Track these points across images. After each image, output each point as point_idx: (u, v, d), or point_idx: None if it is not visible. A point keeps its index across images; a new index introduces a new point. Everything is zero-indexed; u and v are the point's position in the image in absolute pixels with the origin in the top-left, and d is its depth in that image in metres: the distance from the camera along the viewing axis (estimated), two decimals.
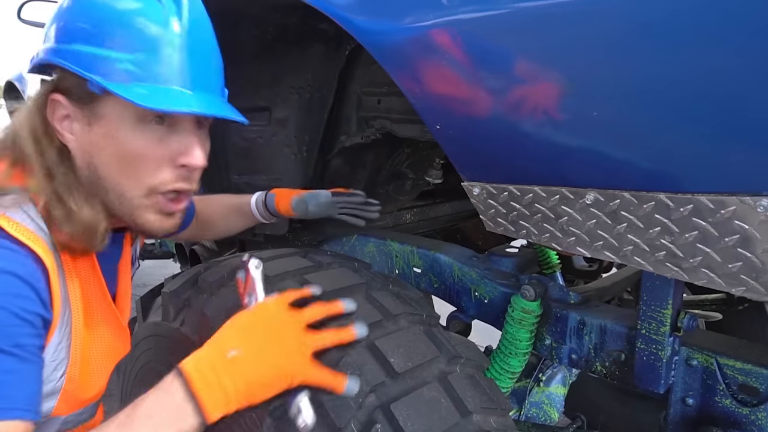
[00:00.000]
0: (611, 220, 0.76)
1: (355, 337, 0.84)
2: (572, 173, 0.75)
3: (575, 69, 0.66)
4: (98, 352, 0.90)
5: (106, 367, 0.94)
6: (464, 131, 0.81)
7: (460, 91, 0.76)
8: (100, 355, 0.91)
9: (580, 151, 0.70)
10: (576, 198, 0.78)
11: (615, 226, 0.76)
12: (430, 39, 0.76)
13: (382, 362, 0.89)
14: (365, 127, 1.40)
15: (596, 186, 0.74)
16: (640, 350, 1.04)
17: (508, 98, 0.73)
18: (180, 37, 0.77)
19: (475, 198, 0.91)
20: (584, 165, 0.72)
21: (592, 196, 0.75)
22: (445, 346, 0.98)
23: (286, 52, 1.50)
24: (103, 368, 0.92)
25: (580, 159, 0.72)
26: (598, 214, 0.76)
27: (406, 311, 1.02)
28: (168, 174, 0.81)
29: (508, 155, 0.79)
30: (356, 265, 1.19)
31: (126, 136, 0.77)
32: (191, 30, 0.79)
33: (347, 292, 1.04)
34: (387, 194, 1.72)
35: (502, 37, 0.70)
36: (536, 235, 0.88)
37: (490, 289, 1.36)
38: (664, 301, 0.99)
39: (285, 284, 1.03)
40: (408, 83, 0.83)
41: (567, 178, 0.76)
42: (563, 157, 0.73)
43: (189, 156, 0.81)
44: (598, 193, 0.74)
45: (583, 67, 0.65)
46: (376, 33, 0.82)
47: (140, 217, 0.84)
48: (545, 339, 1.27)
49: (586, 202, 0.76)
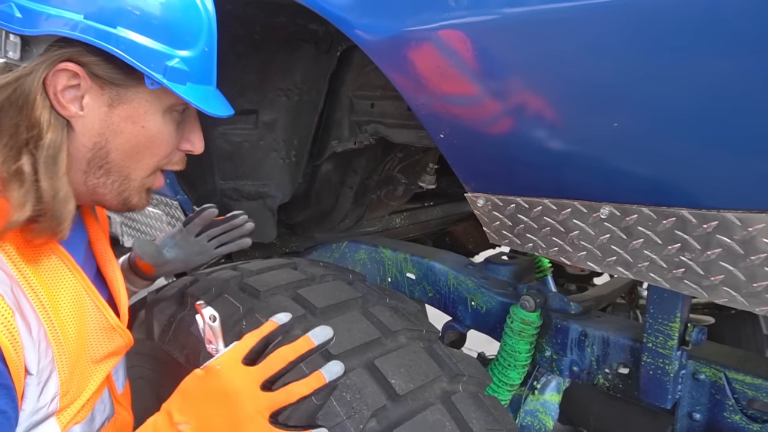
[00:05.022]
0: (626, 235, 0.72)
1: (325, 381, 0.68)
2: (587, 187, 0.71)
3: (595, 76, 0.61)
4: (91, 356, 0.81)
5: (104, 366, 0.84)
6: (471, 140, 0.76)
7: (469, 97, 0.72)
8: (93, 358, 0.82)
9: (598, 164, 0.66)
10: (589, 212, 0.74)
11: (630, 242, 0.72)
12: (436, 42, 0.71)
13: (383, 384, 0.84)
14: (358, 132, 1.35)
15: (612, 200, 0.70)
16: (646, 364, 1.01)
17: (520, 106, 0.69)
18: (210, 34, 0.79)
19: (479, 210, 0.87)
20: (601, 178, 0.68)
21: (607, 210, 0.71)
22: (447, 364, 0.94)
23: (273, 52, 1.44)
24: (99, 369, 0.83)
25: (597, 172, 0.68)
26: (613, 228, 0.73)
27: (405, 327, 0.98)
28: (172, 156, 0.83)
29: (517, 166, 0.75)
30: (351, 277, 1.14)
31: (154, 123, 0.76)
32: (213, 23, 0.80)
33: (343, 308, 0.99)
34: (378, 199, 1.67)
35: (515, 41, 0.66)
36: (544, 248, 0.84)
37: (487, 299, 1.32)
38: (672, 314, 0.96)
39: (276, 299, 0.98)
40: (410, 89, 0.78)
41: (580, 192, 0.72)
42: (578, 170, 0.69)
43: (193, 144, 0.84)
44: (613, 207, 0.70)
45: (604, 74, 0.60)
46: (376, 35, 0.77)
47: (132, 198, 0.81)
48: (545, 350, 1.24)
49: (600, 216, 0.72)
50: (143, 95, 0.74)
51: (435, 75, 0.73)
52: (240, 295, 0.99)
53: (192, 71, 0.75)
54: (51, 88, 0.69)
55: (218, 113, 0.79)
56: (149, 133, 0.76)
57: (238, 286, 1.04)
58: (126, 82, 0.73)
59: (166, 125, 0.78)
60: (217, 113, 0.79)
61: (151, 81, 0.72)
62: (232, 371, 0.68)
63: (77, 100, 0.71)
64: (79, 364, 0.76)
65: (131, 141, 0.75)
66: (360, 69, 1.32)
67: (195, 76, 0.76)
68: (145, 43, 0.71)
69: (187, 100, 0.74)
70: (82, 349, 0.78)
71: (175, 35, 0.74)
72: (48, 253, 0.74)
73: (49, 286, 0.73)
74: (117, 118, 0.74)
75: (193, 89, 0.76)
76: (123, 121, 0.74)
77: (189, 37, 0.76)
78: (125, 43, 0.70)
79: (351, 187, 1.58)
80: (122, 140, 0.75)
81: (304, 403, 0.68)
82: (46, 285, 0.72)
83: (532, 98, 0.68)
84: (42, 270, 0.73)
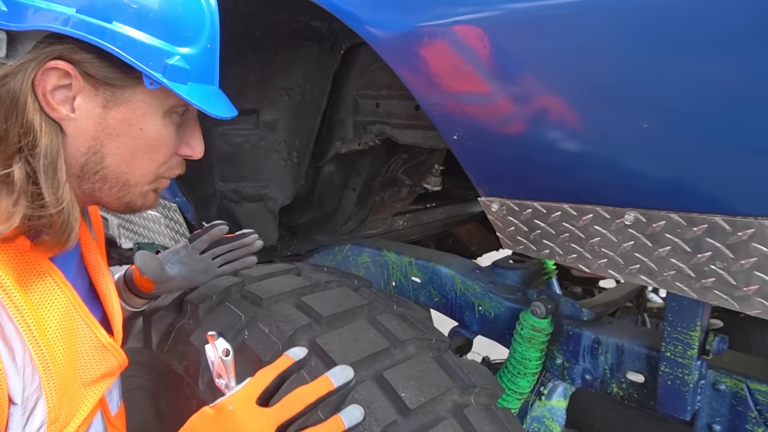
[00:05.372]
0: (652, 242, 0.68)
1: (344, 428, 0.64)
2: (610, 191, 0.67)
3: (627, 74, 0.57)
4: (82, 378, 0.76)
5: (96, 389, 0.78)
6: (487, 142, 0.72)
7: (485, 97, 0.68)
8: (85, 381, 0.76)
9: (624, 168, 0.63)
10: (612, 218, 0.70)
11: (656, 250, 0.68)
12: (450, 38, 0.67)
13: (393, 397, 0.80)
14: (362, 133, 1.31)
15: (636, 206, 0.66)
16: (664, 374, 0.97)
17: (541, 106, 0.65)
18: (212, 30, 0.73)
19: (493, 215, 0.83)
20: (626, 183, 0.64)
21: (632, 216, 0.67)
22: (458, 375, 0.90)
23: (275, 51, 1.40)
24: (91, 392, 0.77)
25: (623, 177, 0.64)
26: (637, 235, 0.69)
27: (413, 336, 0.94)
28: (172, 161, 0.78)
29: (536, 169, 0.71)
30: (356, 283, 1.10)
31: (153, 126, 0.71)
32: (216, 18, 0.75)
33: (349, 316, 0.95)
34: (382, 201, 1.63)
35: (536, 36, 0.62)
36: (561, 255, 0.80)
37: (495, 305, 1.28)
38: (692, 322, 0.92)
39: (280, 307, 0.94)
40: (422, 88, 0.74)
41: (603, 197, 0.68)
42: (602, 174, 0.65)
43: (192, 148, 0.79)
44: (639, 213, 0.66)
45: (635, 72, 0.56)
46: (387, 31, 0.73)
47: (136, 202, 0.76)
48: (556, 358, 1.20)
49: (624, 222, 0.68)
50: (141, 96, 0.69)
51: (449, 73, 0.69)
52: (242, 303, 0.95)
53: (194, 70, 0.69)
54: (40, 89, 0.63)
55: (223, 115, 0.73)
56: (148, 137, 0.71)
57: (239, 293, 1.00)
58: (122, 82, 0.67)
59: (166, 128, 0.73)
60: (222, 115, 0.73)
61: (149, 80, 0.66)
62: (246, 413, 0.64)
63: (68, 101, 0.65)
64: (69, 389, 0.71)
65: (128, 145, 0.70)
66: (365, 67, 1.28)
67: (197, 75, 0.70)
68: (143, 40, 0.65)
69: (189, 101, 0.68)
70: (72, 372, 0.72)
71: (175, 31, 0.68)
72: (35, 269, 0.69)
73: (36, 305, 0.67)
74: (113, 120, 0.68)
75: (196, 89, 0.70)
76: (119, 124, 0.68)
77: (190, 33, 0.70)
78: (121, 39, 0.64)
79: (354, 188, 1.54)
80: (118, 144, 0.69)
81: None
82: (32, 304, 0.66)
83: (555, 97, 0.64)
84: (28, 287, 0.67)
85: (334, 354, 0.84)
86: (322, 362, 0.83)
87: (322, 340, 0.86)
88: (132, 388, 1.11)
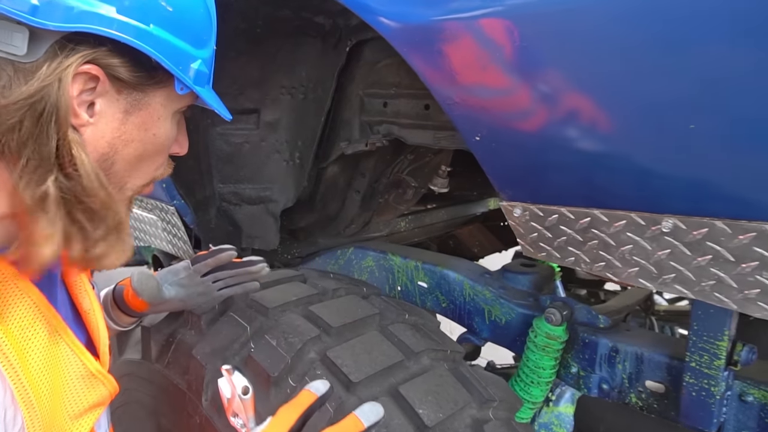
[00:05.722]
0: (691, 251, 0.64)
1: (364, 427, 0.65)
2: (648, 197, 0.62)
3: (674, 71, 0.53)
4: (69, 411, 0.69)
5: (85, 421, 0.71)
6: (513, 144, 0.68)
7: (514, 96, 0.63)
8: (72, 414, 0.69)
9: (666, 173, 0.58)
10: (648, 225, 0.65)
11: (694, 258, 0.64)
12: (477, 32, 0.62)
13: (410, 415, 0.76)
14: (369, 133, 1.26)
15: (676, 212, 0.62)
16: (688, 385, 0.93)
17: (575, 105, 0.60)
18: (215, 30, 0.71)
19: (514, 220, 0.78)
20: (667, 188, 0.60)
21: (670, 223, 0.63)
22: (476, 388, 0.86)
23: (276, 48, 1.35)
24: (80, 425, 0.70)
25: (664, 181, 0.59)
26: (675, 243, 0.64)
27: (428, 347, 0.89)
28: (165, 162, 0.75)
29: (567, 174, 0.67)
30: (365, 291, 1.05)
31: (164, 130, 0.69)
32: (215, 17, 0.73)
33: (360, 327, 0.91)
34: (387, 203, 1.58)
35: (571, 31, 0.57)
36: (588, 263, 0.76)
37: (507, 311, 1.24)
38: (719, 332, 0.87)
39: (287, 318, 0.89)
40: (443, 86, 0.69)
41: (639, 202, 0.64)
42: (641, 179, 0.61)
43: (181, 146, 0.76)
44: (679, 220, 0.62)
45: (685, 69, 0.52)
46: (405, 24, 0.68)
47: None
48: (571, 367, 1.15)
49: (662, 230, 0.64)
50: (159, 99, 0.66)
51: (474, 69, 0.65)
52: (247, 313, 0.90)
53: (209, 73, 0.69)
54: (71, 96, 0.58)
55: (230, 116, 0.74)
56: (158, 141, 0.68)
57: (243, 302, 0.95)
58: (149, 86, 0.64)
59: (173, 131, 0.71)
60: (230, 116, 0.74)
61: (180, 86, 0.64)
62: None
63: (86, 105, 0.60)
64: (55, 424, 0.64)
65: (139, 150, 0.66)
66: (371, 65, 1.24)
67: (209, 78, 0.70)
68: (175, 43, 0.63)
69: (212, 106, 0.68)
70: (58, 406, 0.65)
71: (196, 34, 0.66)
72: (14, 294, 0.62)
73: (17, 336, 0.60)
74: (131, 125, 0.64)
75: (209, 92, 0.70)
76: (136, 129, 0.65)
77: (205, 36, 0.68)
78: (161, 43, 0.61)
79: (358, 190, 1.49)
80: (131, 150, 0.65)
81: None
82: (13, 335, 0.59)
83: (591, 96, 0.59)
84: (8, 316, 0.60)
85: (347, 368, 0.79)
86: (333, 376, 0.79)
87: (333, 353, 0.81)
88: (129, 401, 1.06)
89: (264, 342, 0.83)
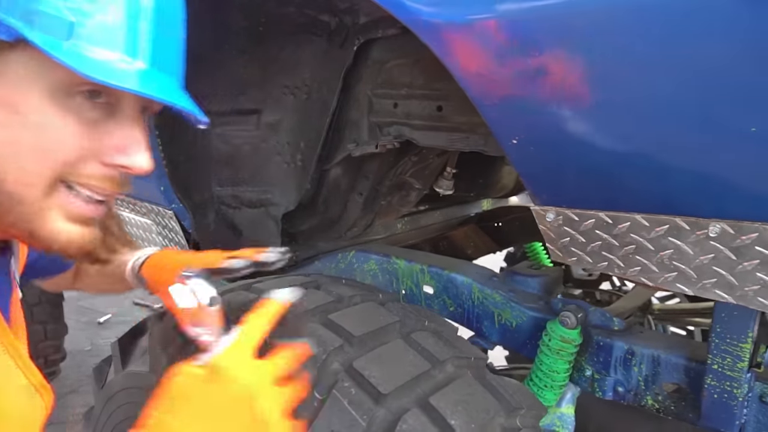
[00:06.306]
0: (736, 255, 0.63)
1: None
2: (697, 201, 0.61)
3: (731, 70, 0.52)
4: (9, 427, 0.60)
5: None
6: (553, 148, 0.66)
7: (560, 99, 0.61)
8: None
9: (721, 176, 0.57)
10: (693, 229, 0.64)
11: (739, 263, 0.63)
12: (522, 33, 0.60)
13: (442, 426, 0.73)
14: (379, 134, 1.23)
15: (725, 216, 0.61)
16: (710, 387, 0.93)
17: (622, 109, 0.59)
18: None
19: (546, 225, 0.77)
20: (719, 192, 0.59)
21: (718, 227, 0.62)
22: (503, 396, 0.84)
23: (279, 47, 1.31)
24: None
25: (717, 185, 0.58)
26: (720, 248, 0.64)
27: (452, 355, 0.87)
28: (93, 169, 0.56)
29: (611, 178, 0.65)
30: (381, 297, 1.03)
31: (38, 108, 0.51)
32: None
33: (382, 335, 0.88)
34: (389, 206, 1.55)
35: (621, 33, 0.56)
36: (622, 268, 0.74)
37: (517, 314, 1.22)
38: (743, 333, 0.87)
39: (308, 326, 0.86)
40: (481, 86, 0.67)
41: (686, 207, 0.63)
42: (693, 183, 0.60)
43: (130, 157, 0.57)
44: (727, 224, 0.61)
45: (742, 69, 0.51)
46: (442, 21, 0.66)
47: (42, 228, 0.55)
48: (585, 370, 1.15)
49: (708, 234, 0.63)
50: (23, 66, 0.50)
51: (517, 71, 0.63)
52: None
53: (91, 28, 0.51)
54: None
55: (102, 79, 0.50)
56: (36, 125, 0.51)
57: None
58: None
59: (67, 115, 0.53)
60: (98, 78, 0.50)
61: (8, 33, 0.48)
62: (249, 371, 0.56)
63: None
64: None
65: (11, 138, 0.51)
66: (380, 65, 1.21)
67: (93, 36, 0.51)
68: None
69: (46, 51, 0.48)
70: None
71: None
72: None
73: None
74: None
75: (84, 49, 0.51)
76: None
77: None
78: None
79: (361, 193, 1.46)
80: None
81: None
82: None
83: (640, 101, 0.58)
84: None
85: (374, 379, 0.76)
86: (360, 387, 0.76)
87: (359, 364, 0.78)
88: (133, 415, 1.01)
89: None
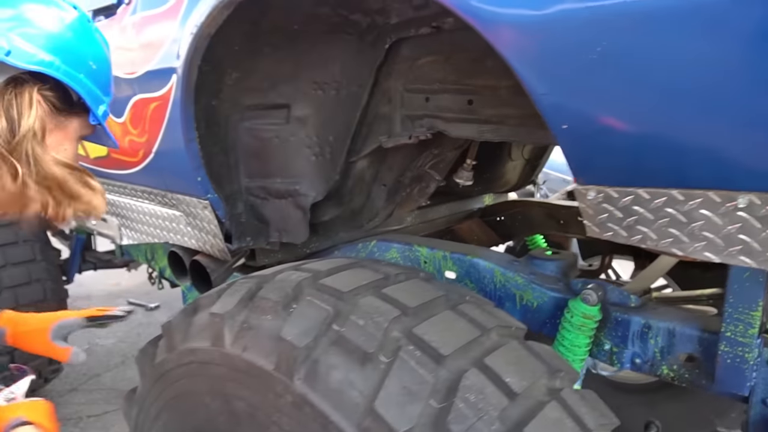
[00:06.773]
0: (762, 224, 0.72)
1: None
2: (730, 175, 0.70)
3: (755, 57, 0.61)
4: None
5: None
6: (605, 133, 0.75)
7: (616, 87, 0.70)
8: None
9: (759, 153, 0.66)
10: (723, 201, 0.73)
11: (764, 230, 0.73)
12: (582, 27, 0.69)
13: (499, 384, 0.82)
14: (411, 127, 1.31)
15: (753, 189, 0.70)
16: (723, 353, 1.02)
17: (672, 95, 0.68)
18: None
19: (586, 202, 0.86)
20: (752, 167, 0.68)
21: (746, 199, 0.71)
22: (545, 360, 0.92)
23: (311, 44, 1.38)
24: None
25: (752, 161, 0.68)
26: (747, 217, 0.73)
27: (496, 324, 0.95)
28: None
29: (656, 158, 0.74)
30: (423, 275, 1.10)
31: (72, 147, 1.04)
32: None
33: (431, 307, 0.95)
34: (409, 196, 1.63)
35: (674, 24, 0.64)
36: (654, 240, 0.83)
37: (539, 295, 1.31)
38: (754, 303, 0.98)
39: (366, 300, 0.93)
40: (538, 77, 0.75)
41: (719, 181, 0.72)
42: (725, 160, 0.69)
43: None
44: (755, 196, 0.70)
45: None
46: (507, 17, 0.74)
47: None
48: (604, 344, 1.24)
49: (737, 206, 0.72)
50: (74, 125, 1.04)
51: (576, 62, 0.71)
52: (324, 297, 0.94)
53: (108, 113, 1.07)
54: None
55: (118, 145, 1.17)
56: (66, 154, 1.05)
57: (313, 287, 0.99)
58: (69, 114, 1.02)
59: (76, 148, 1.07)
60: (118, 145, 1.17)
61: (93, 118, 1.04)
62: None
63: None
64: None
65: None
66: (411, 62, 1.29)
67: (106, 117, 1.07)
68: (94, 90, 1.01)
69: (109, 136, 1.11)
70: None
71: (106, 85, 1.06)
72: None
73: None
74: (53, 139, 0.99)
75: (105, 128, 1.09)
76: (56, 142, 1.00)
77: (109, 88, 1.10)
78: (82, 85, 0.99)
79: (385, 183, 1.54)
80: None
81: None
82: None
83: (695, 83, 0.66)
84: None
85: (435, 343, 0.84)
86: (422, 351, 0.83)
87: (419, 330, 0.86)
88: (186, 391, 1.07)
89: (351, 322, 0.87)
